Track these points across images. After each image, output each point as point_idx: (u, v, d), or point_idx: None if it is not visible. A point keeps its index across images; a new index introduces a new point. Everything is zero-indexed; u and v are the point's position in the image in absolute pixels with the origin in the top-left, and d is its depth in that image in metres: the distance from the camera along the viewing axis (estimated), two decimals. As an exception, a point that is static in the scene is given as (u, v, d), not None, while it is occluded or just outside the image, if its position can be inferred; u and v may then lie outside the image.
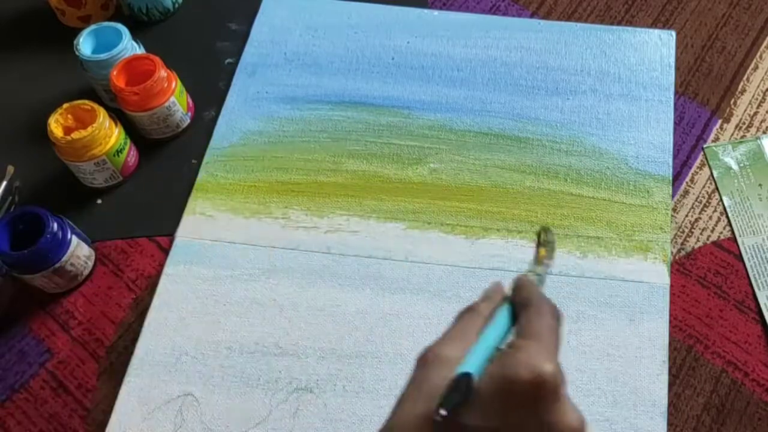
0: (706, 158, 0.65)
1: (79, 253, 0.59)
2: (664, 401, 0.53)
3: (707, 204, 0.62)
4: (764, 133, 0.66)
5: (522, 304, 0.36)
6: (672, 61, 0.70)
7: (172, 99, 0.66)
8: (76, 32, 0.68)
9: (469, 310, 0.37)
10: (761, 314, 0.57)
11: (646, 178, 0.63)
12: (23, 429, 0.55)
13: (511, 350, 0.33)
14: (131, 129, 0.67)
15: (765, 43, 0.71)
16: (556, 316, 0.36)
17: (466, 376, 0.31)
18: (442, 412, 0.30)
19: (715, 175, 0.64)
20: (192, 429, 0.54)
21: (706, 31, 0.73)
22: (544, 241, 0.42)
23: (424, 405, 0.32)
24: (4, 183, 0.64)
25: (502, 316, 0.36)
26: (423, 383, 0.33)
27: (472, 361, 0.32)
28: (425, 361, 0.34)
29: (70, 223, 0.60)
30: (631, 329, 0.56)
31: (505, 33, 0.73)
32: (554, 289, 0.58)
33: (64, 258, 0.58)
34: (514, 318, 0.36)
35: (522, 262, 0.60)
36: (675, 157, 0.65)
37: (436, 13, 0.75)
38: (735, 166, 0.64)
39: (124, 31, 0.67)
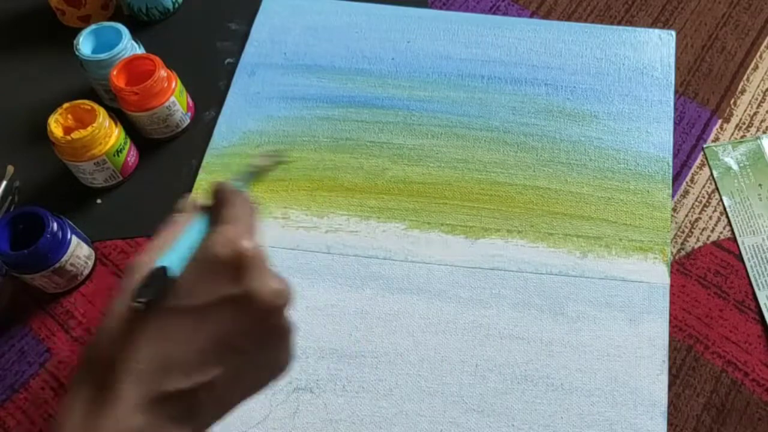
0: (706, 158, 0.65)
1: (79, 253, 0.59)
2: (664, 401, 0.53)
3: (707, 204, 0.62)
4: (764, 133, 0.66)
5: (218, 204, 0.38)
6: (672, 61, 0.70)
7: (172, 99, 0.66)
8: (76, 32, 0.68)
9: (166, 225, 0.39)
10: (761, 314, 0.57)
11: (646, 178, 0.63)
12: (23, 429, 0.55)
13: (209, 235, 0.35)
14: (131, 129, 0.67)
15: (765, 43, 0.71)
16: (249, 205, 0.38)
17: (160, 268, 0.33)
18: (141, 299, 0.32)
19: (715, 175, 0.64)
20: (192, 429, 0.54)
21: (706, 31, 0.73)
22: (266, 155, 0.43)
23: (126, 300, 0.34)
24: (4, 183, 0.64)
25: (198, 220, 0.38)
26: (125, 286, 0.35)
27: (168, 256, 0.35)
28: (127, 270, 0.36)
29: (70, 223, 0.60)
30: (631, 329, 0.56)
31: (505, 33, 0.73)
32: (554, 289, 0.58)
33: (64, 258, 0.58)
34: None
35: (522, 262, 0.60)
36: (675, 157, 0.65)
37: (436, 13, 0.75)
38: (735, 166, 0.64)
39: (124, 31, 0.67)
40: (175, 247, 0.35)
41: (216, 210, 0.38)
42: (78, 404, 0.33)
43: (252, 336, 0.35)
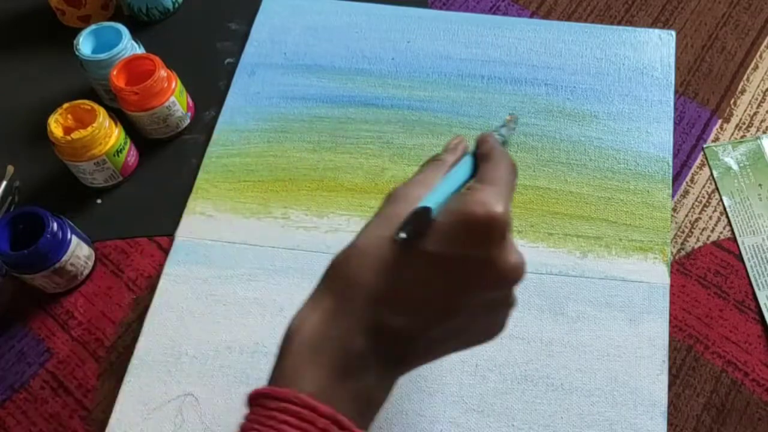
0: (706, 158, 0.65)
1: (79, 253, 0.59)
2: (664, 401, 0.53)
3: (707, 204, 0.62)
4: (764, 133, 0.66)
5: (483, 156, 0.40)
6: (672, 61, 0.70)
7: (172, 99, 0.66)
8: (76, 32, 0.68)
9: (434, 159, 0.41)
10: (761, 314, 0.57)
11: (646, 178, 0.63)
12: (23, 429, 0.55)
13: (469, 191, 0.37)
14: (131, 129, 0.67)
15: (765, 43, 0.71)
16: (513, 169, 0.40)
17: (425, 208, 0.35)
18: (402, 234, 0.35)
19: (715, 175, 0.64)
20: (192, 429, 0.54)
21: (706, 31, 0.73)
22: (512, 114, 0.48)
23: (387, 229, 0.36)
24: (4, 183, 0.64)
25: (464, 165, 0.40)
26: (388, 213, 0.37)
27: (432, 198, 0.36)
28: (392, 197, 0.38)
29: (70, 223, 0.60)
30: (631, 329, 0.56)
31: (506, 33, 0.73)
32: (554, 289, 0.58)
33: (64, 258, 0.58)
34: (475, 169, 0.40)
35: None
36: (675, 157, 0.65)
37: (436, 13, 0.75)
38: (735, 166, 0.64)
39: (124, 31, 0.67)
40: (439, 189, 0.37)
41: (481, 162, 0.40)
42: (320, 309, 0.36)
43: (480, 300, 0.37)
